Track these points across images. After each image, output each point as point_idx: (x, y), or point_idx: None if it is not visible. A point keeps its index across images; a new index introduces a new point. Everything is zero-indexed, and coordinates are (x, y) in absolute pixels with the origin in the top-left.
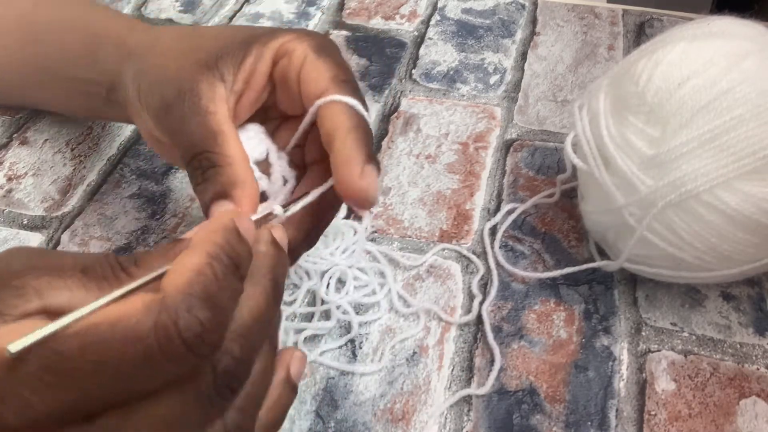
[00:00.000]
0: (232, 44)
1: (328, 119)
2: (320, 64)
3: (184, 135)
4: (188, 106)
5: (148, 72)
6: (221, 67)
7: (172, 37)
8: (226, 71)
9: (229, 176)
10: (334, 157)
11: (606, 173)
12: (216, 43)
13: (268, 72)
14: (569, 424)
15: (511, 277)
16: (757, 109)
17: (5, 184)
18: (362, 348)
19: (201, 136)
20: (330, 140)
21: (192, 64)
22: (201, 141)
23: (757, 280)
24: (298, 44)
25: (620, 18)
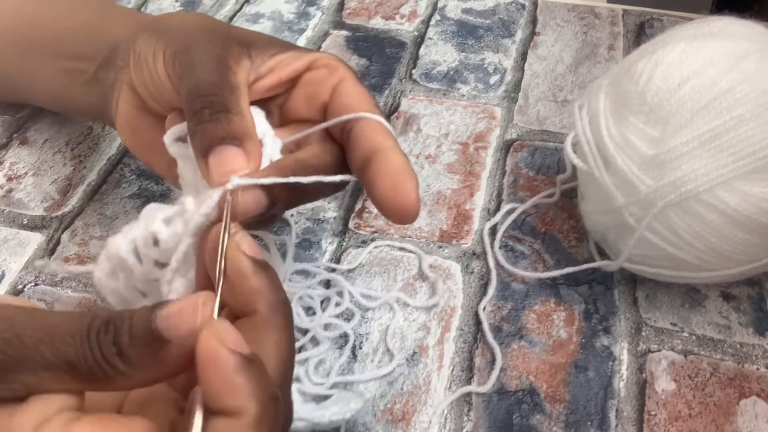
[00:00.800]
0: (267, 40)
1: (371, 134)
2: (362, 89)
3: (200, 75)
4: (214, 55)
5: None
6: (252, 50)
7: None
8: (255, 54)
9: (241, 124)
10: (388, 170)
11: (606, 173)
12: (249, 33)
13: (299, 70)
14: (569, 424)
15: (511, 277)
16: (757, 109)
17: (5, 184)
18: (362, 348)
19: (218, 81)
20: (376, 152)
21: (225, 33)
22: (218, 85)
23: (757, 280)
24: (340, 64)
25: (620, 18)
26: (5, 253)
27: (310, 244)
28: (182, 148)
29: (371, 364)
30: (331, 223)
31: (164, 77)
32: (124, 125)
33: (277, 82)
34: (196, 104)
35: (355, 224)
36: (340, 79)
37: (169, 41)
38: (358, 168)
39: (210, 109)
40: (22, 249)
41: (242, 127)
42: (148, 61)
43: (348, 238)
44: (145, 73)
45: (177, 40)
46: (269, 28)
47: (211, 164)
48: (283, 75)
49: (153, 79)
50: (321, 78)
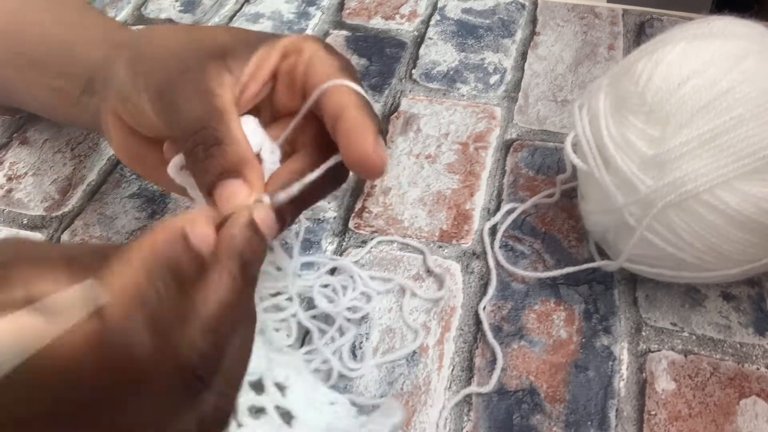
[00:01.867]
0: (239, 42)
1: (336, 98)
2: (329, 58)
3: (186, 112)
4: (194, 85)
5: (148, 55)
6: (228, 59)
7: (170, 31)
8: (233, 64)
9: (236, 154)
10: (344, 126)
11: (606, 173)
12: (221, 39)
13: (274, 67)
14: (569, 424)
15: (511, 276)
16: (757, 109)
17: (5, 184)
18: (362, 348)
19: (205, 113)
20: (338, 114)
21: (198, 52)
22: (204, 118)
23: (757, 280)
24: (307, 43)
25: (620, 18)
26: None
27: (311, 244)
28: (187, 176)
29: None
30: (331, 223)
31: (151, 115)
32: (120, 149)
33: (260, 86)
34: (189, 144)
35: (355, 224)
36: (308, 58)
37: (148, 77)
38: (333, 134)
39: (202, 146)
40: None
41: (237, 155)
42: (132, 99)
43: (348, 238)
44: (131, 110)
45: (154, 75)
46: (269, 28)
47: (218, 203)
48: (262, 77)
49: (140, 116)
50: (293, 64)
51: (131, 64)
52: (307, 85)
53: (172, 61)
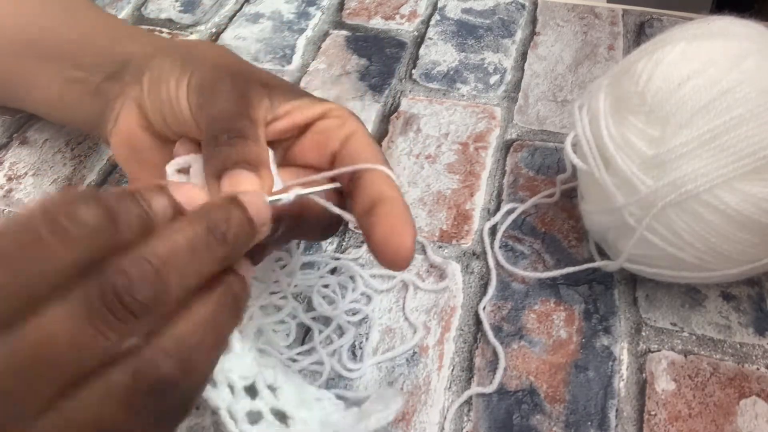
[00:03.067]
0: (285, 84)
1: (378, 183)
2: (373, 143)
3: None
4: (238, 91)
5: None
6: (271, 90)
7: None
8: (274, 96)
9: (258, 152)
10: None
11: (606, 173)
12: (269, 76)
13: (313, 117)
14: (569, 424)
15: (511, 277)
16: (757, 109)
17: (5, 184)
18: (362, 348)
19: (239, 115)
20: (381, 199)
21: (247, 73)
22: (237, 116)
23: (757, 280)
24: (352, 117)
25: (620, 18)
26: None
27: (311, 244)
28: (184, 179)
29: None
30: None
31: (184, 104)
32: (121, 142)
33: (291, 125)
34: (215, 129)
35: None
36: (351, 131)
37: (195, 71)
38: (361, 214)
39: (228, 134)
40: None
41: (258, 154)
42: (169, 85)
43: (348, 238)
44: (164, 96)
45: (203, 71)
46: (269, 28)
47: (224, 186)
48: (297, 120)
49: (171, 104)
50: (332, 127)
51: (184, 60)
52: (342, 153)
53: (222, 68)
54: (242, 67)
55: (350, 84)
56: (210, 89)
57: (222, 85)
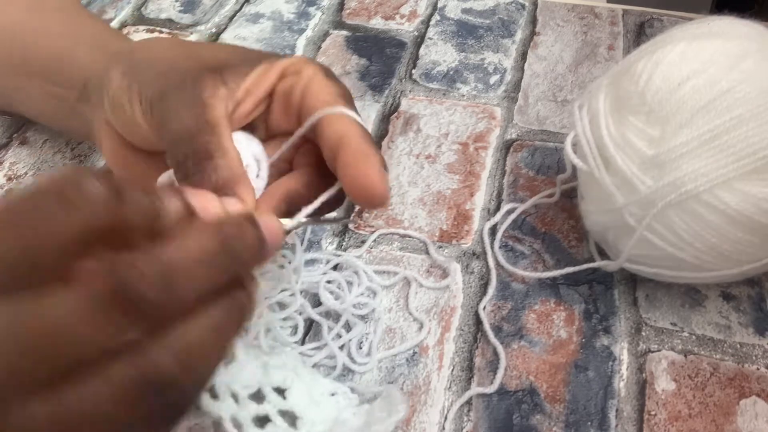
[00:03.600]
0: (238, 57)
1: (336, 127)
2: (327, 84)
3: (176, 123)
4: (189, 95)
5: (144, 65)
6: (225, 73)
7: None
8: (229, 78)
9: (227, 169)
10: (348, 156)
11: (606, 173)
12: (220, 54)
13: (271, 86)
14: (569, 424)
15: (511, 277)
16: (757, 109)
17: (5, 184)
18: (362, 348)
19: (195, 125)
20: (339, 143)
21: (195, 63)
22: (195, 129)
23: (757, 280)
24: (307, 66)
25: (620, 18)
26: None
27: (311, 244)
28: None
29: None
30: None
31: (143, 124)
32: (112, 161)
33: (255, 103)
34: (179, 156)
35: (355, 224)
36: (307, 80)
37: (143, 86)
38: (332, 168)
39: (192, 160)
40: None
41: (228, 171)
42: (124, 108)
43: (348, 238)
44: (123, 119)
45: (149, 84)
46: (269, 28)
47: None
48: (259, 94)
49: (132, 125)
50: (291, 85)
51: (126, 72)
52: (303, 109)
53: (167, 71)
54: (189, 62)
55: (350, 84)
56: (161, 105)
57: (171, 97)
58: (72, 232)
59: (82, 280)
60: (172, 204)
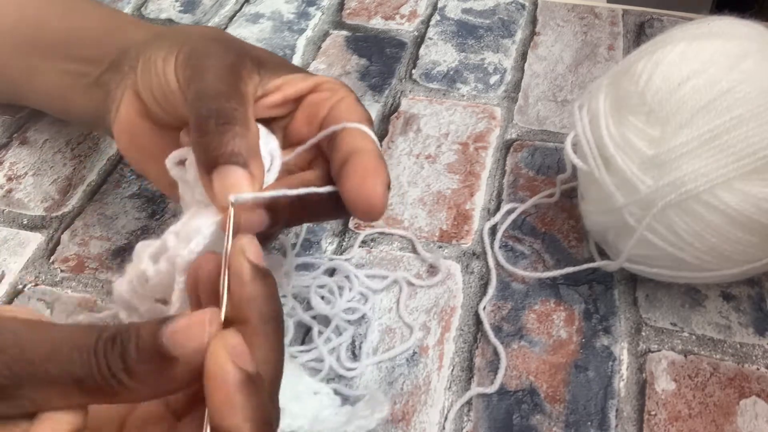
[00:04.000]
0: (277, 60)
1: (353, 140)
2: (358, 108)
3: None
4: (230, 64)
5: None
6: (262, 68)
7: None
8: (264, 71)
9: (248, 141)
10: (358, 165)
11: (606, 173)
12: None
13: (304, 91)
14: (569, 424)
15: (511, 277)
16: (757, 109)
17: (5, 184)
18: (362, 348)
19: (229, 90)
20: (352, 152)
21: (239, 49)
22: (225, 93)
23: (757, 280)
24: (342, 87)
25: (620, 18)
26: (5, 253)
27: (310, 244)
28: (183, 171)
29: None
30: (331, 223)
31: (173, 81)
32: (122, 130)
33: (282, 100)
34: (203, 110)
35: (354, 224)
36: (339, 99)
37: (183, 46)
38: (336, 173)
39: (216, 120)
40: (22, 249)
41: (248, 143)
42: (157, 64)
43: (348, 238)
44: (153, 76)
45: (192, 45)
46: (269, 28)
47: (215, 184)
48: (288, 93)
49: (160, 83)
50: (323, 99)
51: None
52: (326, 121)
53: (212, 42)
54: (234, 43)
55: (350, 84)
56: (198, 61)
57: (211, 57)
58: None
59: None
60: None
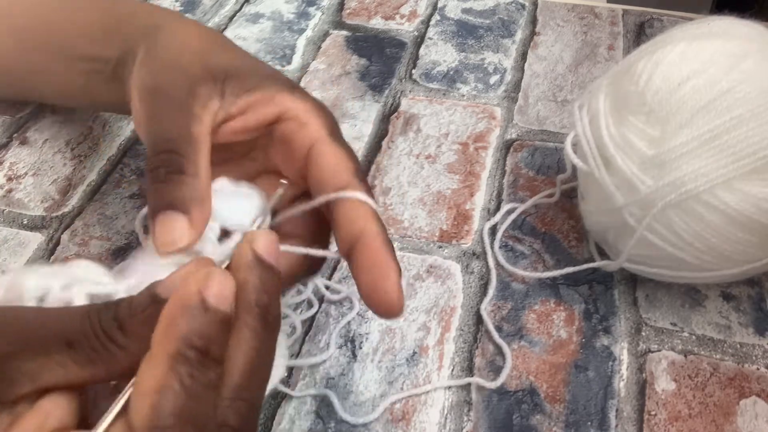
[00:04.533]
0: (246, 70)
1: (354, 219)
2: (338, 153)
3: (160, 126)
4: (180, 98)
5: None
6: (227, 85)
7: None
8: (228, 90)
9: (194, 189)
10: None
11: (606, 173)
12: (233, 62)
13: (267, 120)
14: (569, 424)
15: (511, 277)
16: (757, 109)
17: (5, 184)
18: (362, 348)
19: (177, 135)
20: (358, 241)
21: (200, 66)
22: (175, 139)
23: (757, 280)
24: (312, 118)
25: (620, 18)
26: (5, 253)
27: None
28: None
29: (371, 364)
30: None
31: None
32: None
33: (244, 128)
34: (154, 162)
35: None
36: (313, 141)
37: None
38: (345, 254)
39: (165, 168)
40: (22, 249)
41: (193, 191)
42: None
43: None
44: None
45: (151, 74)
46: (269, 28)
47: (156, 229)
48: (250, 123)
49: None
50: (291, 133)
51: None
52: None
53: (168, 70)
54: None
55: (350, 84)
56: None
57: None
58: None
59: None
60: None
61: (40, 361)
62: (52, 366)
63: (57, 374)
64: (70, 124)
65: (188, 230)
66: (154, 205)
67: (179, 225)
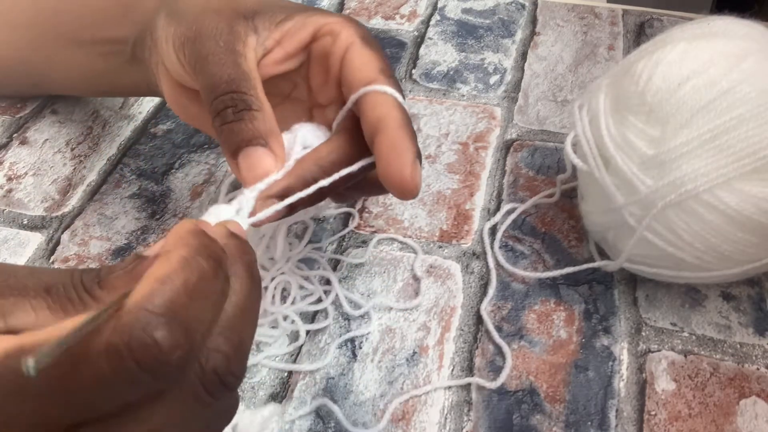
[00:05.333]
0: (273, 7)
1: (377, 108)
2: (368, 53)
3: (214, 69)
4: (223, 42)
5: (184, 9)
6: (257, 21)
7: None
8: (260, 26)
9: (265, 122)
10: (384, 144)
11: (606, 173)
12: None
13: (305, 41)
14: (569, 424)
15: (511, 277)
16: (757, 109)
17: (5, 184)
18: (362, 348)
19: (234, 76)
20: (378, 128)
21: (230, 13)
22: (233, 79)
23: (757, 280)
24: (344, 28)
25: (620, 18)
26: (5, 253)
27: (311, 243)
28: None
29: (371, 364)
30: (332, 222)
31: (177, 63)
32: (172, 102)
33: (285, 56)
34: (218, 105)
35: (355, 224)
36: (345, 47)
37: (178, 26)
38: (369, 144)
39: (233, 108)
40: (22, 249)
41: (265, 125)
42: (163, 47)
43: (348, 238)
44: (165, 57)
45: (185, 24)
46: None
47: (242, 167)
48: (289, 48)
49: (171, 63)
50: (328, 48)
51: (167, 15)
52: (345, 81)
53: (202, 16)
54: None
55: None
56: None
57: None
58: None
59: (175, 391)
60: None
61: (15, 300)
62: (26, 307)
63: (28, 317)
64: (70, 124)
65: (273, 162)
66: (233, 144)
67: (265, 158)
